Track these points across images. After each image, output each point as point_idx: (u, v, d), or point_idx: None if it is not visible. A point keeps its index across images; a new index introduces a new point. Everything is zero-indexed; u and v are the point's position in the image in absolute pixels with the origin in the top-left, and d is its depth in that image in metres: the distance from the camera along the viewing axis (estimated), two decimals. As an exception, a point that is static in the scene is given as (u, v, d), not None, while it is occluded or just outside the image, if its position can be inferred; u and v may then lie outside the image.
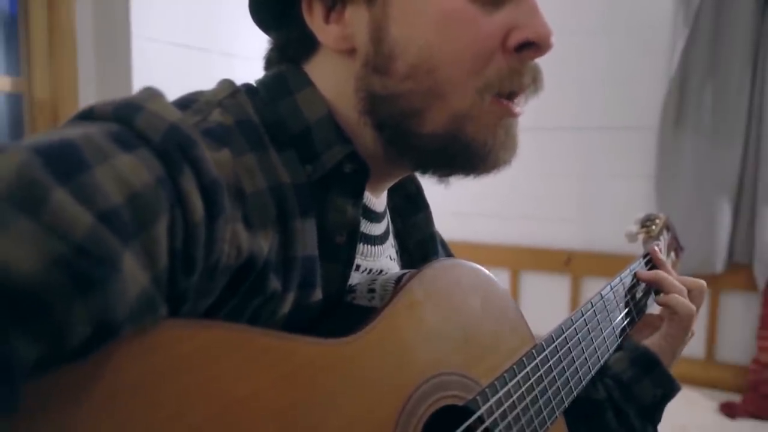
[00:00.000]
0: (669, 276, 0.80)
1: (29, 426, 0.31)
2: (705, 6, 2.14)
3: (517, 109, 0.53)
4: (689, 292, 0.79)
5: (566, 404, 0.63)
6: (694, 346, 2.27)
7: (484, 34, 0.50)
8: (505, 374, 0.57)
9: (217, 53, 1.92)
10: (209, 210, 0.39)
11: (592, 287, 2.41)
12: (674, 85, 2.20)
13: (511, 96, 0.53)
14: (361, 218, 0.55)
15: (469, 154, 0.52)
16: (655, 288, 0.81)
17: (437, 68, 0.50)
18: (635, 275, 0.80)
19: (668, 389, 0.76)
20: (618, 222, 2.31)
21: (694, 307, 0.77)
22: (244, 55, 1.90)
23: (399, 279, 0.53)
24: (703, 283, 0.81)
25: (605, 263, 2.33)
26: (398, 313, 0.50)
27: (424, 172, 0.57)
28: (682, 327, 0.77)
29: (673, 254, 0.95)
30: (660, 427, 0.78)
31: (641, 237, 0.90)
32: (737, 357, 2.21)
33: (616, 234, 2.38)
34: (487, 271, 0.60)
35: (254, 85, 0.54)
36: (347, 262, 0.52)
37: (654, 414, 0.76)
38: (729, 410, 2.02)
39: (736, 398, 2.08)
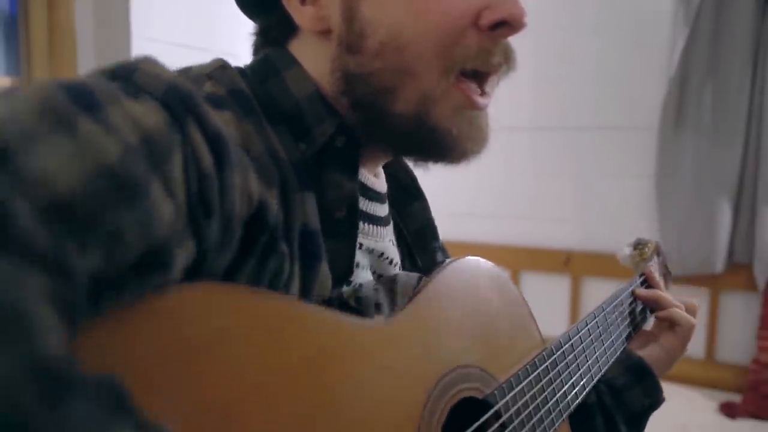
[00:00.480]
0: (665, 294, 0.84)
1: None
2: (705, 5, 2.14)
3: (480, 101, 0.53)
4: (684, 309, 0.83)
5: (572, 409, 0.64)
6: (694, 346, 2.26)
7: (455, 13, 0.50)
8: (520, 373, 0.58)
9: (217, 53, 1.91)
10: (217, 159, 0.39)
11: (592, 287, 2.42)
12: (674, 85, 2.20)
13: (482, 77, 0.53)
14: (363, 197, 0.56)
15: (436, 140, 0.53)
16: (652, 306, 0.84)
17: (406, 46, 0.50)
18: (633, 293, 0.83)
19: (655, 399, 0.78)
20: (618, 222, 2.32)
21: (694, 320, 0.80)
22: (245, 55, 1.90)
23: (418, 282, 0.54)
24: (696, 303, 0.84)
25: (605, 263, 2.33)
26: (425, 305, 0.51)
27: (397, 154, 0.58)
28: (683, 339, 0.80)
29: (662, 279, 0.97)
30: (660, 427, 0.79)
31: (634, 260, 0.93)
32: (737, 357, 2.21)
33: (615, 234, 2.39)
34: (503, 272, 0.61)
35: (243, 68, 0.55)
36: (350, 237, 0.53)
37: (640, 422, 0.78)
38: (729, 410, 2.02)
39: (736, 398, 2.08)
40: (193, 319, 0.35)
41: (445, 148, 0.53)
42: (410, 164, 0.59)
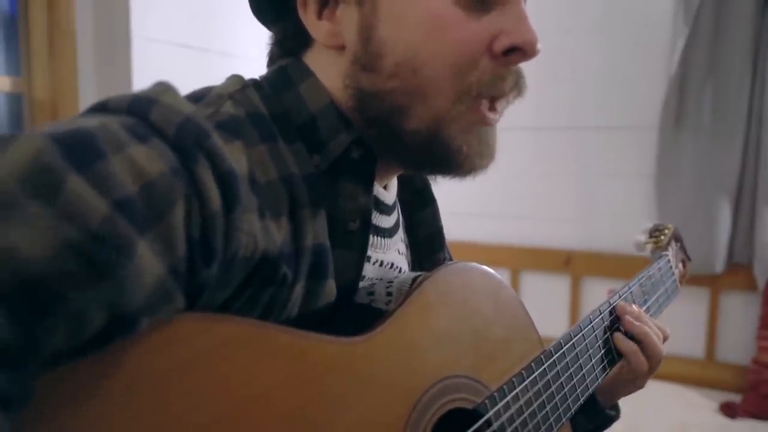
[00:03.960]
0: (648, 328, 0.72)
1: (40, 420, 0.31)
2: (705, 5, 2.13)
3: (492, 118, 0.54)
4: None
5: (573, 411, 0.63)
6: (694, 346, 2.27)
7: (470, 39, 0.51)
8: (514, 379, 0.57)
9: (216, 53, 1.92)
10: (226, 200, 0.39)
11: (592, 287, 2.41)
12: (674, 85, 2.20)
13: (492, 100, 0.53)
14: (374, 210, 0.56)
15: (448, 156, 0.53)
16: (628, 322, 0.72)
17: (421, 68, 0.50)
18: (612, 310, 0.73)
19: (601, 422, 0.75)
20: (618, 222, 2.32)
21: (646, 365, 0.71)
22: (244, 55, 1.90)
23: (414, 281, 0.53)
24: (668, 331, 0.76)
25: (605, 263, 2.33)
26: (411, 315, 0.50)
27: (409, 168, 0.58)
28: (631, 378, 0.72)
29: (680, 265, 0.94)
30: (660, 427, 0.77)
31: (649, 247, 0.89)
32: (737, 357, 2.21)
33: (616, 234, 2.39)
34: (498, 276, 0.60)
35: (258, 80, 0.55)
36: (361, 249, 0.53)
37: None
38: (729, 410, 2.01)
39: (736, 398, 2.08)
40: (159, 349, 0.35)
41: (455, 164, 0.54)
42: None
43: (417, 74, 0.51)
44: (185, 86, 0.51)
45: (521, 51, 0.52)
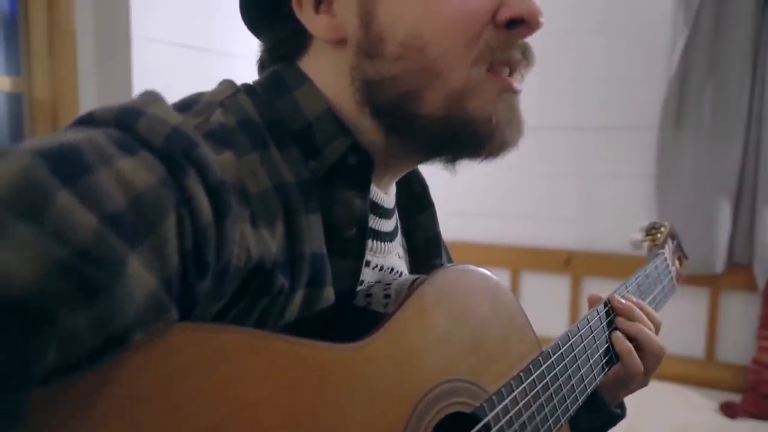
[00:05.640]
0: (639, 313, 0.72)
1: None
2: (705, 5, 2.13)
3: (516, 85, 0.53)
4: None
5: (571, 412, 0.63)
6: (694, 346, 2.27)
7: (473, 8, 0.50)
8: (512, 381, 0.57)
9: (216, 53, 1.92)
10: (217, 211, 0.39)
11: (592, 287, 2.41)
12: (674, 85, 2.20)
13: (507, 66, 0.52)
14: (372, 215, 0.55)
15: (473, 131, 0.51)
16: (625, 317, 0.73)
17: (428, 45, 0.49)
18: (607, 301, 0.73)
19: (607, 419, 0.74)
20: (618, 222, 2.32)
21: (641, 367, 0.70)
22: (244, 55, 1.89)
23: (412, 284, 0.53)
24: (659, 319, 0.75)
25: (605, 263, 2.33)
26: (408, 319, 0.50)
27: (429, 156, 0.56)
28: (626, 380, 0.71)
29: (677, 263, 0.94)
30: (660, 427, 0.77)
31: (646, 245, 0.89)
32: (737, 357, 2.21)
33: (616, 234, 2.40)
34: (495, 278, 0.60)
35: (252, 85, 0.54)
36: (358, 256, 0.52)
37: None
38: (729, 410, 2.01)
39: (736, 398, 2.08)
40: (154, 360, 0.35)
41: (484, 139, 0.52)
42: (440, 166, 0.56)
43: (424, 53, 0.49)
44: (185, 86, 0.51)
45: (525, 23, 0.51)
